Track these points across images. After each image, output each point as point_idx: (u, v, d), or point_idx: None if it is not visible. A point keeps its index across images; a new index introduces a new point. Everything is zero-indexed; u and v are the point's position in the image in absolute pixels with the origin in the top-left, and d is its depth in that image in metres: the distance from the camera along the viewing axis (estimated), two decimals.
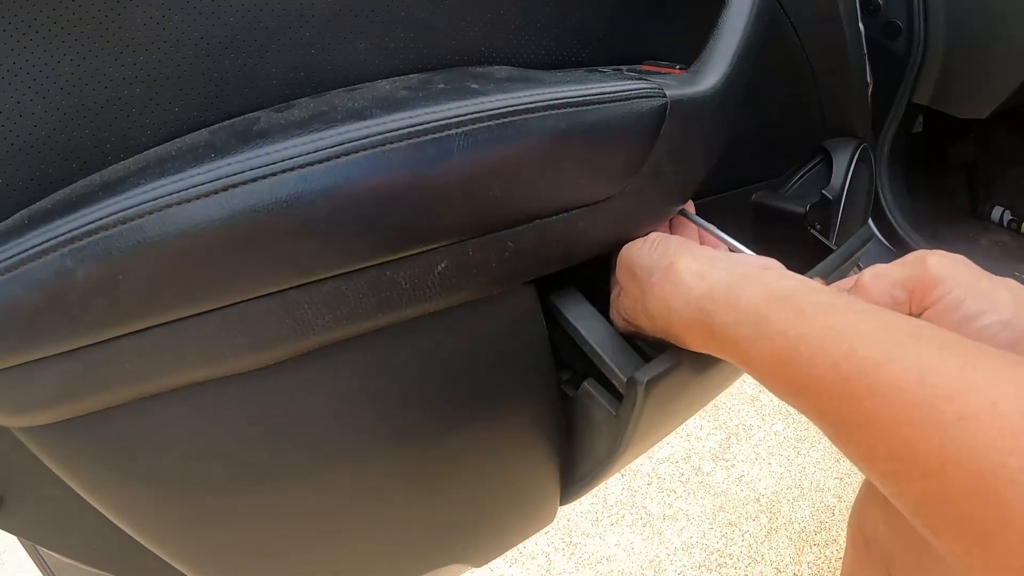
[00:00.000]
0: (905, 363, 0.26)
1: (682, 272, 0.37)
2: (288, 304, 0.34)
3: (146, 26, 0.37)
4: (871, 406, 0.26)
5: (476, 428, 0.45)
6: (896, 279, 0.34)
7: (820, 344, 0.29)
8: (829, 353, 0.28)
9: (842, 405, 0.28)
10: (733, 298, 0.34)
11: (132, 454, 0.38)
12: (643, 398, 0.38)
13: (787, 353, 0.30)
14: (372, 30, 0.43)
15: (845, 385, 0.27)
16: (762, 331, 0.31)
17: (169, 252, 0.30)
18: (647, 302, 0.39)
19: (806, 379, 0.29)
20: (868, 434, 0.27)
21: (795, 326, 0.30)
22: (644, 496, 1.16)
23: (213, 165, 0.31)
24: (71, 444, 0.36)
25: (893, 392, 0.26)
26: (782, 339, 0.30)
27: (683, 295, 0.36)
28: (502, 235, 0.36)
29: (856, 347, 0.28)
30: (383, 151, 0.31)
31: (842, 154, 0.81)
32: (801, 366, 0.29)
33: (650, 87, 0.41)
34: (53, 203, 0.33)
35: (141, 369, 0.34)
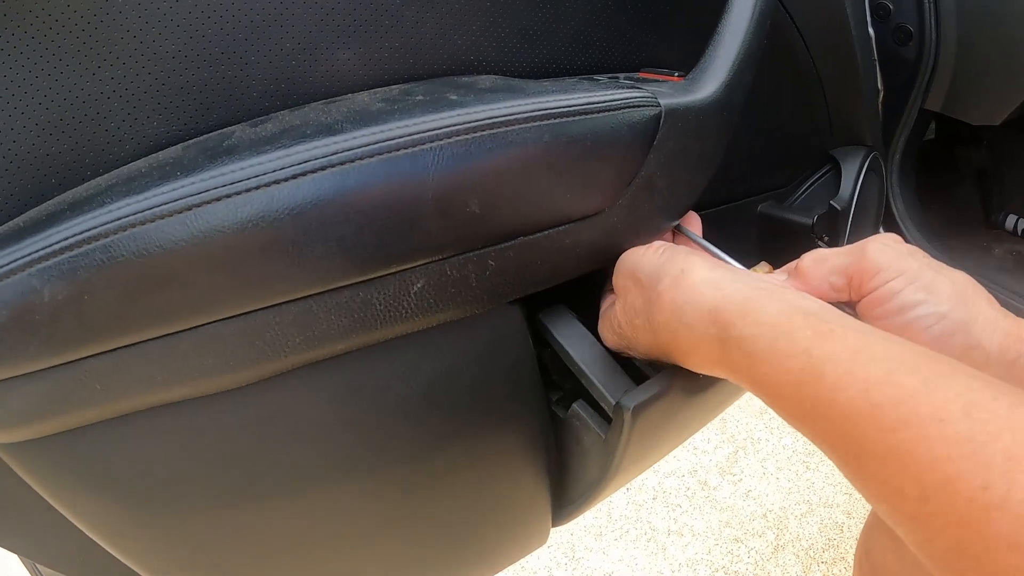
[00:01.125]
0: (948, 394, 0.23)
1: (696, 280, 0.34)
2: (257, 325, 0.33)
3: (123, 39, 0.36)
4: (905, 438, 0.23)
5: (461, 449, 0.44)
6: (836, 265, 0.33)
7: (849, 367, 0.26)
8: (859, 377, 0.26)
9: (868, 435, 0.25)
10: (752, 311, 0.31)
11: (109, 472, 0.37)
12: (630, 425, 0.37)
13: (809, 374, 0.27)
14: (356, 40, 0.41)
15: (874, 412, 0.25)
16: (783, 348, 0.29)
17: (134, 272, 0.30)
18: (653, 313, 0.36)
19: (828, 404, 0.26)
20: (897, 470, 0.24)
21: (821, 345, 0.28)
22: (649, 510, 1.14)
23: (178, 184, 0.30)
24: (47, 461, 0.35)
25: (933, 424, 0.23)
26: (805, 357, 0.28)
27: (695, 304, 0.33)
28: (482, 253, 0.35)
29: (891, 371, 0.25)
30: (352, 168, 0.30)
31: (851, 163, 0.78)
32: (825, 389, 0.26)
33: (642, 96, 0.39)
34: (25, 221, 0.32)
35: (112, 389, 0.33)
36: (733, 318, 0.31)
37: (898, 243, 0.33)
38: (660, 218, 0.44)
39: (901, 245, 0.33)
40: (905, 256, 0.31)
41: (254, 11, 0.38)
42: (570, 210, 0.37)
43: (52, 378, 0.32)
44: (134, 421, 0.35)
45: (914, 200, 1.09)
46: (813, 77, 0.74)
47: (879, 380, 0.25)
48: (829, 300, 0.33)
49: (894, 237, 0.34)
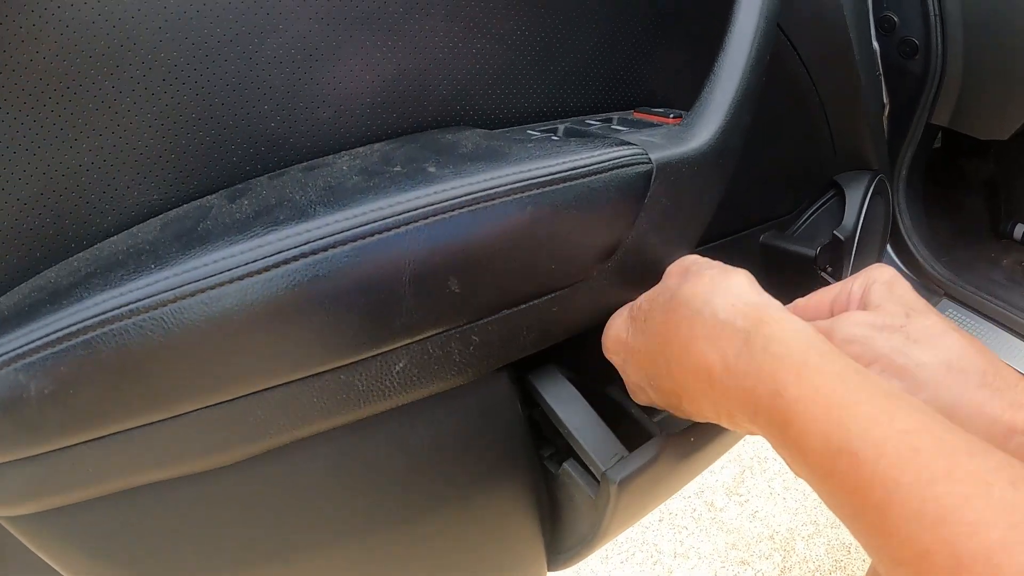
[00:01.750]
0: (992, 460, 0.22)
1: (740, 277, 0.33)
2: (240, 411, 0.33)
3: (98, 110, 0.35)
4: (942, 493, 0.21)
5: (451, 512, 0.43)
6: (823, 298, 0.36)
7: (885, 404, 0.24)
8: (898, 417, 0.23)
9: (903, 482, 0.22)
10: (791, 319, 0.29)
11: (108, 543, 0.37)
12: (616, 495, 0.36)
13: (841, 397, 0.25)
14: (334, 99, 0.40)
15: (915, 458, 0.22)
16: (814, 362, 0.26)
17: (114, 366, 0.30)
18: (681, 290, 0.34)
19: (860, 436, 0.24)
20: (927, 529, 0.21)
21: (857, 376, 0.26)
22: (655, 533, 1.13)
23: (152, 278, 0.30)
24: (49, 532, 0.36)
25: (980, 485, 0.21)
26: (839, 381, 0.25)
27: (732, 293, 0.31)
28: (465, 330, 0.34)
29: (932, 428, 0.23)
30: (325, 257, 0.29)
31: (855, 189, 0.76)
32: (858, 418, 0.24)
33: (631, 153, 0.38)
34: (9, 310, 0.32)
35: (103, 471, 0.33)
36: (769, 317, 0.29)
37: (891, 284, 0.32)
38: (653, 273, 0.42)
39: (877, 319, 0.31)
40: (876, 337, 0.30)
41: (229, 75, 0.38)
42: (556, 279, 0.36)
43: (45, 462, 0.32)
44: (130, 496, 0.35)
45: (921, 215, 1.07)
46: (815, 102, 0.72)
47: (918, 428, 0.23)
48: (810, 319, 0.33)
49: (885, 272, 0.33)
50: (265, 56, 0.38)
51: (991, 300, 0.96)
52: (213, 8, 0.36)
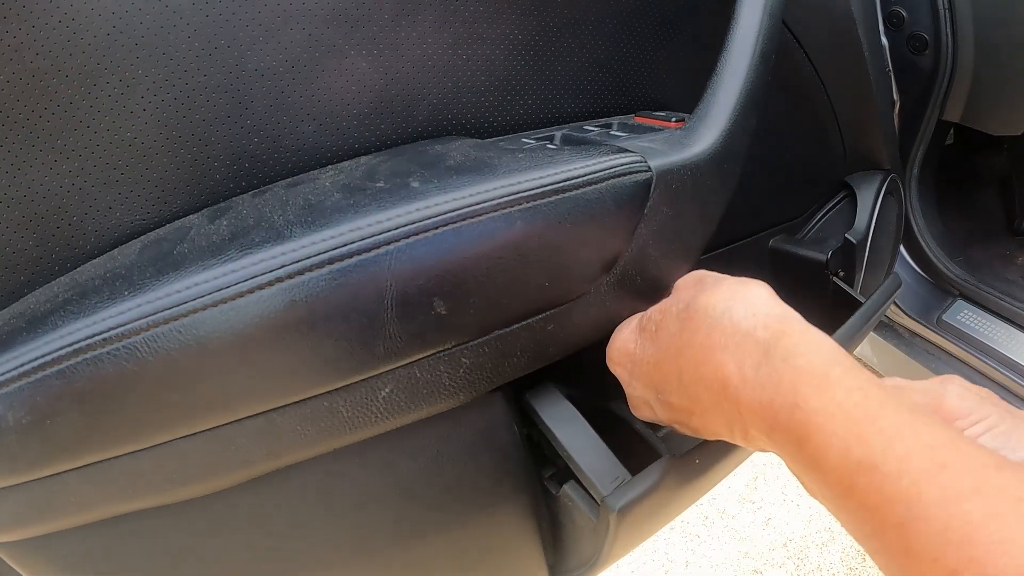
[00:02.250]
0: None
1: (759, 288, 0.31)
2: (221, 440, 0.32)
3: (76, 131, 0.34)
4: (973, 509, 0.20)
5: (447, 537, 0.41)
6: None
7: (910, 419, 0.23)
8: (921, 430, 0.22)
9: (927, 497, 0.21)
10: (813, 331, 0.28)
11: (94, 569, 0.36)
12: (616, 523, 0.34)
13: (864, 412, 0.23)
14: (319, 112, 0.39)
15: (941, 474, 0.21)
16: (836, 377, 0.25)
17: (89, 395, 0.29)
18: (697, 300, 0.32)
19: (882, 451, 0.22)
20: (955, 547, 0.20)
21: (880, 393, 0.24)
22: (666, 541, 1.11)
23: (124, 306, 0.28)
24: (36, 558, 0.35)
25: (1013, 502, 0.20)
26: (861, 395, 0.24)
27: (753, 304, 0.30)
28: (454, 352, 0.32)
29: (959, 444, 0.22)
30: (300, 281, 0.28)
31: (867, 190, 0.74)
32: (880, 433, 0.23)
33: (629, 161, 0.36)
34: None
35: (85, 500, 0.33)
36: (792, 328, 0.28)
37: (974, 388, 0.31)
38: (655, 287, 0.40)
39: (979, 390, 0.30)
40: (984, 403, 0.29)
41: (209, 90, 0.36)
42: (551, 297, 0.34)
43: (28, 491, 0.31)
44: (116, 524, 0.34)
45: (934, 214, 1.04)
46: (824, 101, 0.70)
47: (944, 443, 0.22)
48: None
49: (962, 381, 0.31)
50: (246, 70, 0.37)
51: (1007, 300, 0.93)
52: (190, 23, 0.35)
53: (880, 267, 0.79)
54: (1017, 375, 0.90)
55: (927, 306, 1.00)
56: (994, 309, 0.96)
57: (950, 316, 0.98)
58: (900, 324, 1.04)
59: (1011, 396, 0.92)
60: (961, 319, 0.97)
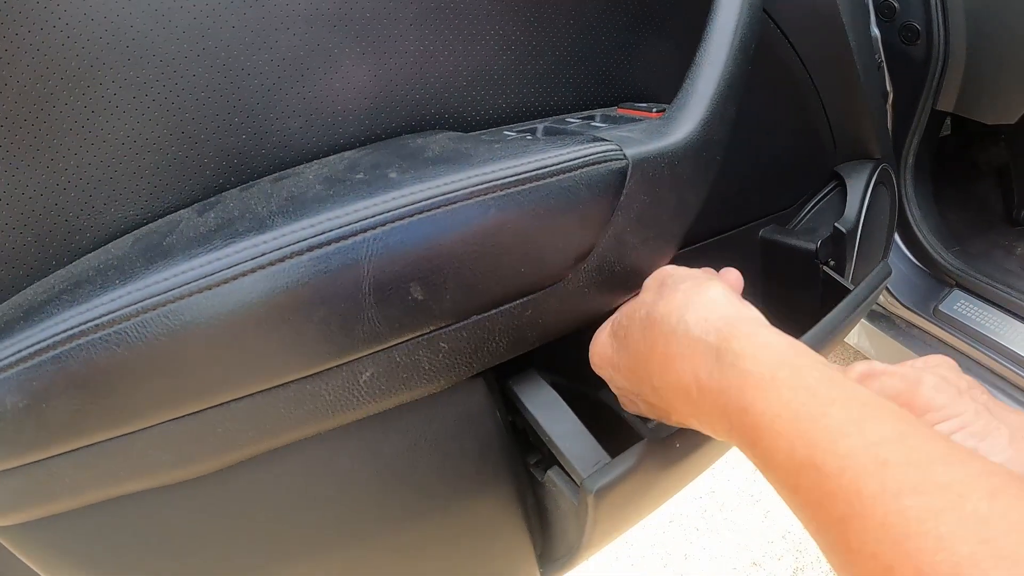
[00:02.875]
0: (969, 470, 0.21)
1: (713, 290, 0.32)
2: (208, 422, 0.33)
3: (71, 130, 0.36)
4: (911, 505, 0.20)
5: (432, 522, 0.42)
6: (885, 387, 0.30)
7: (858, 415, 0.23)
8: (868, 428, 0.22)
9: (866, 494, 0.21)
10: (762, 334, 0.28)
11: (91, 552, 0.37)
12: (594, 504, 0.35)
13: (809, 411, 0.24)
14: (305, 108, 0.40)
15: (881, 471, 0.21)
16: (784, 378, 0.25)
17: (83, 382, 0.30)
18: (657, 305, 0.33)
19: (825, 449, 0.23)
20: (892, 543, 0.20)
21: (829, 389, 0.24)
22: (665, 534, 1.11)
23: (116, 293, 0.30)
24: (35, 541, 0.36)
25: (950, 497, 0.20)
26: (808, 394, 0.24)
27: (704, 308, 0.30)
28: (432, 336, 0.33)
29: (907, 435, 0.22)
30: (282, 267, 0.29)
31: (857, 179, 0.74)
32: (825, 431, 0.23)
33: (604, 150, 0.37)
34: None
35: (80, 483, 0.34)
36: (739, 331, 0.28)
37: (956, 377, 0.30)
38: (634, 275, 0.41)
39: (960, 380, 0.30)
40: (962, 397, 0.29)
41: (198, 89, 0.38)
42: (527, 282, 0.35)
43: (24, 474, 0.32)
44: (112, 506, 0.35)
45: (930, 204, 1.04)
46: (811, 92, 0.71)
47: (890, 438, 0.22)
48: None
49: (950, 365, 0.30)
50: (233, 70, 0.38)
51: (1004, 289, 0.93)
52: (179, 25, 0.36)
53: (873, 256, 0.80)
54: (1014, 364, 0.90)
55: (924, 296, 1.00)
56: (991, 299, 0.96)
57: (947, 306, 0.98)
58: (897, 315, 1.04)
59: (1009, 385, 0.92)
60: (958, 309, 0.97)
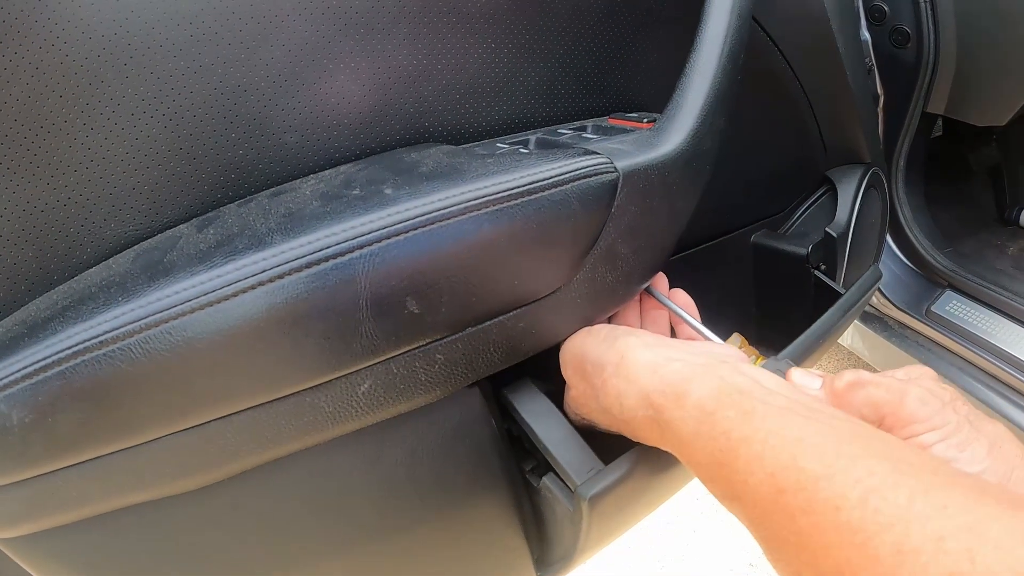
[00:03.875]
0: (848, 480, 0.23)
1: (633, 365, 0.35)
2: (210, 435, 0.34)
3: (71, 147, 0.36)
4: (804, 524, 0.24)
5: (430, 529, 0.43)
6: (872, 398, 0.31)
7: (760, 449, 0.26)
8: (767, 461, 0.26)
9: (775, 520, 0.25)
10: (683, 393, 0.31)
11: (97, 563, 0.38)
12: (589, 511, 0.36)
13: (727, 455, 0.28)
14: (301, 123, 0.41)
15: (779, 498, 0.25)
16: (705, 431, 0.29)
17: (87, 397, 0.31)
18: (600, 399, 0.37)
19: (742, 486, 0.27)
20: (797, 555, 0.24)
21: (739, 427, 0.28)
22: (661, 536, 1.12)
23: (119, 310, 0.30)
24: (41, 553, 0.37)
25: (829, 512, 0.23)
26: (724, 439, 0.28)
27: (635, 390, 0.34)
28: (429, 348, 0.34)
29: (797, 456, 0.25)
30: (281, 284, 0.29)
31: (848, 184, 0.75)
32: (738, 472, 0.27)
33: (596, 163, 0.38)
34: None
35: (86, 495, 0.34)
36: (665, 401, 0.32)
37: (939, 389, 0.31)
38: (626, 285, 0.42)
39: (943, 392, 0.31)
40: (945, 409, 0.30)
41: (196, 106, 0.38)
42: (520, 294, 0.36)
43: (31, 487, 0.33)
44: (117, 517, 0.36)
45: (922, 205, 1.05)
46: (801, 98, 0.71)
47: (785, 465, 0.25)
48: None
49: (932, 376, 0.32)
50: (230, 86, 0.39)
51: (996, 290, 0.94)
52: (176, 43, 0.37)
53: (864, 259, 0.81)
54: (1007, 364, 0.91)
55: (916, 298, 1.01)
56: (983, 299, 0.97)
57: (939, 307, 0.99)
58: (889, 316, 1.05)
59: (1001, 385, 0.93)
60: (950, 310, 0.98)
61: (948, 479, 0.22)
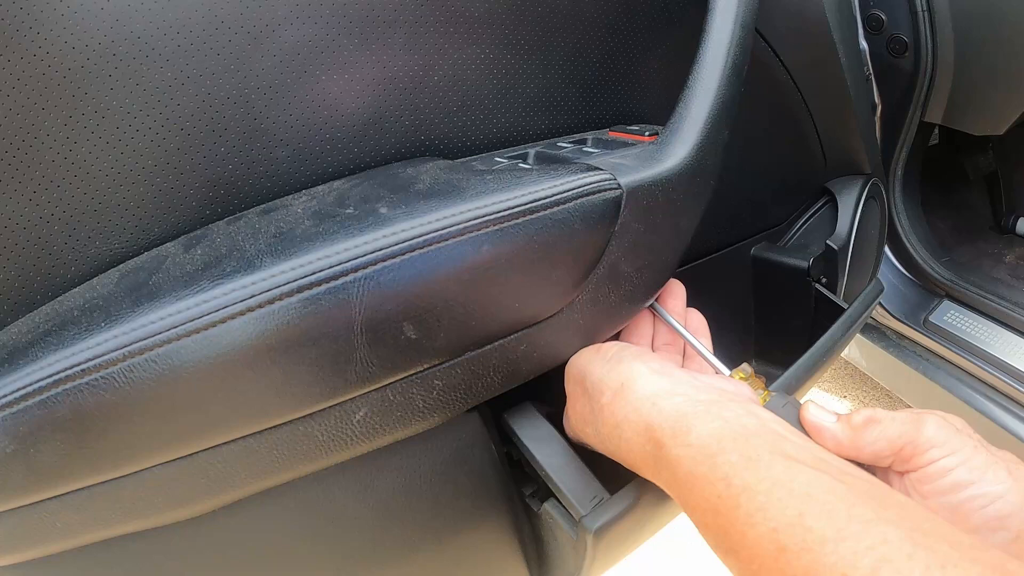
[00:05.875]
0: (858, 546, 0.22)
1: (633, 395, 0.33)
2: (199, 465, 0.32)
3: (54, 162, 0.35)
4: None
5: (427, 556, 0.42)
6: (887, 433, 0.30)
7: (764, 501, 0.25)
8: (770, 514, 0.24)
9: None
10: (684, 431, 0.30)
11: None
12: (593, 544, 0.34)
13: (725, 503, 0.26)
14: (292, 137, 0.39)
15: (780, 556, 0.23)
16: (703, 473, 0.28)
17: (71, 426, 0.29)
18: (597, 423, 0.35)
19: (739, 539, 0.25)
20: None
21: (741, 473, 0.26)
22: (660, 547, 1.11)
23: (101, 338, 0.29)
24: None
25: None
26: (724, 484, 0.26)
27: (632, 421, 0.33)
28: (426, 375, 0.33)
29: (804, 513, 0.24)
30: (270, 311, 0.28)
31: (848, 195, 0.74)
32: (737, 522, 0.25)
33: (599, 179, 0.37)
34: None
35: (72, 525, 0.33)
36: (664, 438, 0.30)
37: (951, 420, 0.31)
38: (629, 305, 0.41)
39: (955, 420, 0.31)
40: (959, 435, 0.29)
41: (183, 119, 0.37)
42: (521, 317, 0.35)
43: (15, 517, 0.32)
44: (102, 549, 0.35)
45: (919, 214, 1.05)
46: (801, 108, 0.71)
47: (790, 521, 0.24)
48: (867, 463, 0.31)
49: (939, 413, 0.32)
50: (219, 98, 0.37)
51: (993, 299, 0.94)
52: (162, 53, 0.36)
53: (864, 271, 0.80)
54: (1005, 375, 0.91)
55: (913, 307, 1.01)
56: (981, 309, 0.97)
57: (936, 317, 0.98)
58: (887, 326, 1.04)
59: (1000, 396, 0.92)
60: (948, 320, 0.98)
61: (968, 553, 0.21)
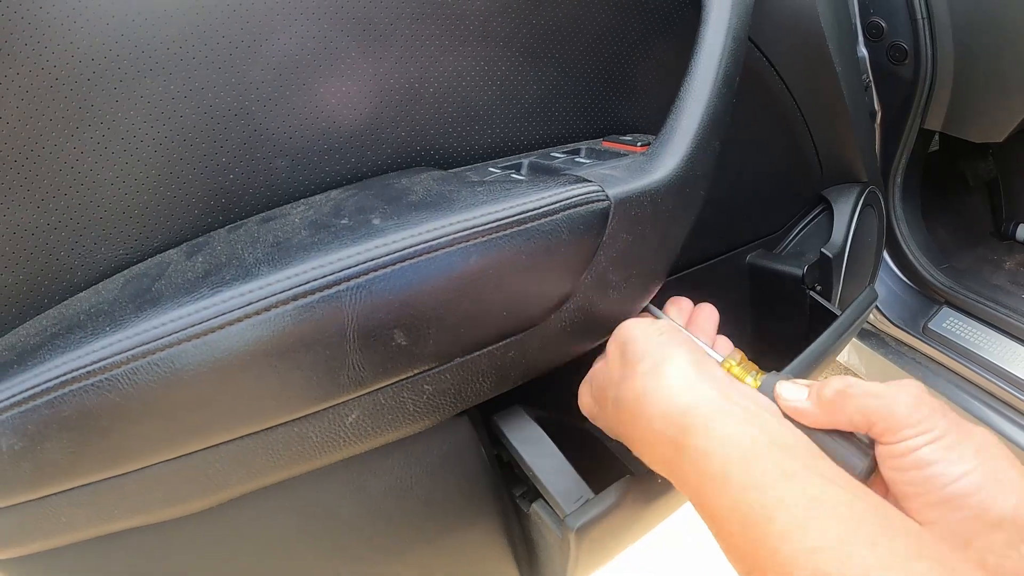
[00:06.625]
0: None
1: (672, 373, 0.32)
2: (198, 464, 0.33)
3: (61, 171, 0.36)
4: None
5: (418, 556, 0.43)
6: (862, 406, 0.30)
7: (803, 518, 0.25)
8: (810, 533, 0.24)
9: None
10: (719, 425, 0.29)
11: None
12: (575, 542, 0.35)
13: (759, 514, 0.26)
14: (291, 147, 0.41)
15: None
16: (736, 475, 0.27)
17: (76, 425, 0.31)
18: (623, 390, 0.34)
19: (770, 552, 0.25)
20: None
21: (778, 485, 0.26)
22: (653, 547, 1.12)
23: (106, 341, 0.30)
24: (32, 574, 0.37)
25: None
26: (758, 493, 0.26)
27: (664, 398, 0.32)
28: (416, 379, 0.34)
29: (847, 540, 0.24)
30: (266, 317, 0.29)
31: (844, 203, 0.75)
32: (771, 535, 0.25)
33: (587, 191, 0.38)
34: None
35: (75, 520, 0.34)
36: (696, 426, 0.30)
37: (928, 398, 0.31)
38: (617, 312, 0.42)
39: (932, 400, 0.31)
40: (934, 415, 0.30)
41: (186, 130, 0.38)
42: (509, 325, 0.36)
43: (21, 512, 0.33)
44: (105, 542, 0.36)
45: (918, 221, 1.05)
46: (797, 118, 0.71)
47: (831, 544, 0.24)
48: (843, 429, 0.32)
49: (920, 387, 0.32)
50: (220, 110, 0.39)
51: (992, 306, 0.94)
52: (165, 67, 0.37)
53: (861, 278, 0.80)
54: (1004, 381, 0.91)
55: (913, 314, 1.01)
56: (980, 316, 0.97)
57: (936, 324, 0.99)
58: (886, 333, 1.05)
59: (998, 402, 0.92)
60: (947, 327, 0.98)
61: None
